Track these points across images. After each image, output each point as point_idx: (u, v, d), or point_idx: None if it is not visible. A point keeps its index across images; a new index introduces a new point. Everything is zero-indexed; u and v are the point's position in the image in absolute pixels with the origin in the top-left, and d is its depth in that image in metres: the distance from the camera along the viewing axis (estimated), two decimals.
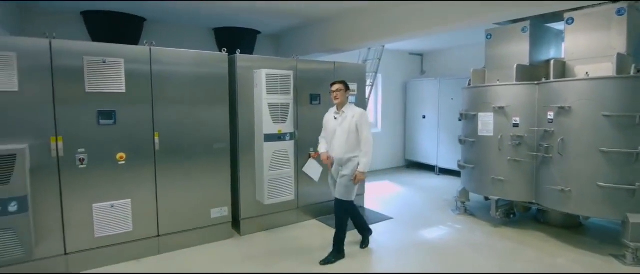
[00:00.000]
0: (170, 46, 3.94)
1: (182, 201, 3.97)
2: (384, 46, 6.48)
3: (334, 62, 4.97)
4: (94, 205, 3.52)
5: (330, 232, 4.39)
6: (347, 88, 3.74)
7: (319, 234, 4.44)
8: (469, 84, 4.97)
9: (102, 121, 3.50)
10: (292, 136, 4.35)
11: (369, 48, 6.68)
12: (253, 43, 5.94)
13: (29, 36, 3.27)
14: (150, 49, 3.71)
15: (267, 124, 4.13)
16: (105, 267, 3.58)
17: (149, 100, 3.72)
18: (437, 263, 3.72)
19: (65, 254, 3.44)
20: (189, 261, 3.76)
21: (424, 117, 7.99)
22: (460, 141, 5.04)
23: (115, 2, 4.40)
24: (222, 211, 4.22)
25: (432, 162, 7.87)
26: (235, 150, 4.31)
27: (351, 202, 3.77)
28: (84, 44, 3.44)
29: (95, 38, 4.80)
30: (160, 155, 3.82)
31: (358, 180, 3.63)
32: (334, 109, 3.84)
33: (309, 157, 4.69)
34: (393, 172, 8.13)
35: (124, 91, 3.58)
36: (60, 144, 3.34)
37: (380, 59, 6.57)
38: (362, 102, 5.28)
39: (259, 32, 5.93)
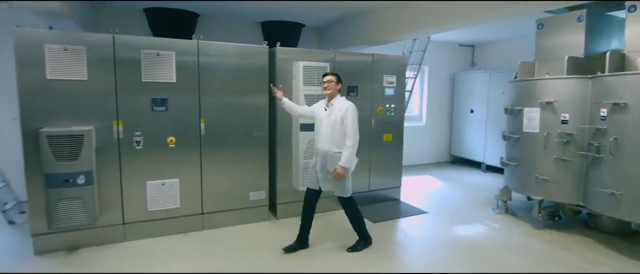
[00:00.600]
0: (221, 40, 4.26)
1: (223, 183, 4.30)
2: (429, 37, 6.33)
3: (373, 54, 5.00)
4: (147, 182, 3.96)
5: (367, 222, 4.48)
6: (339, 81, 3.67)
7: (349, 223, 4.55)
8: (515, 77, 4.72)
9: (155, 108, 3.91)
10: None
11: (414, 39, 6.56)
12: (297, 36, 6.12)
13: (100, 32, 3.74)
14: (198, 43, 4.04)
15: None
16: (155, 238, 4.02)
17: (196, 89, 4.07)
18: (465, 260, 3.66)
19: (123, 223, 3.93)
20: (229, 238, 4.08)
21: (471, 111, 7.68)
22: (504, 137, 4.83)
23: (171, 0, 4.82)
24: (260, 195, 4.50)
25: (479, 159, 7.57)
26: (274, 138, 4.55)
27: (350, 199, 3.72)
28: (141, 39, 3.85)
29: (155, 33, 5.28)
30: (205, 140, 4.17)
31: (337, 175, 3.49)
32: (326, 100, 3.74)
33: None
34: (436, 167, 7.94)
35: (175, 81, 3.96)
36: (121, 127, 3.81)
37: (425, 51, 6.43)
38: (401, 95, 5.25)
39: (303, 25, 6.09)
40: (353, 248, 3.81)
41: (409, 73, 6.74)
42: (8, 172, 4.72)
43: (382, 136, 5.14)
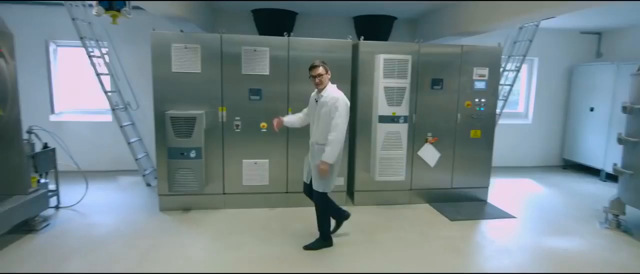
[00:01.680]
0: (316, 35, 4.66)
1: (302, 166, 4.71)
2: (537, 25, 5.69)
3: (462, 46, 4.78)
4: (243, 160, 4.62)
5: (441, 219, 4.43)
6: (327, 70, 3.49)
7: (425, 218, 4.53)
8: (639, 70, 3.99)
9: (251, 97, 4.51)
10: (406, 119, 4.51)
11: (520, 28, 5.98)
12: (389, 29, 6.17)
13: (216, 32, 4.46)
14: (288, 39, 4.49)
15: (381, 106, 4.43)
16: (247, 209, 4.67)
17: (286, 81, 4.54)
18: (545, 271, 3.34)
19: (223, 193, 4.67)
20: (308, 217, 4.48)
21: (591, 109, 6.60)
22: (619, 140, 4.14)
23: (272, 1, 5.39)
24: (339, 181, 4.78)
25: (598, 165, 6.50)
26: (354, 128, 4.77)
27: (324, 194, 3.54)
28: (242, 37, 4.47)
29: (260, 31, 5.97)
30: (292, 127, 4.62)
31: (320, 171, 3.35)
32: (316, 91, 3.60)
33: (426, 141, 4.78)
34: (542, 171, 7.08)
35: (268, 73, 4.49)
36: (224, 112, 4.51)
37: (531, 41, 5.80)
38: (493, 89, 4.90)
39: (395, 18, 6.12)
40: (310, 246, 3.64)
41: (510, 65, 6.20)
42: (147, 146, 5.98)
43: (469, 132, 4.90)
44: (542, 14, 4.35)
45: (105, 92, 5.42)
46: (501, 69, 6.16)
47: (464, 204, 4.94)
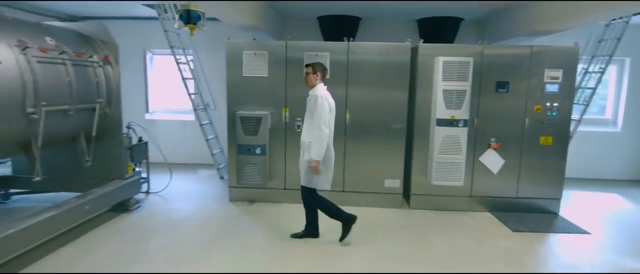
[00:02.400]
0: (380, 39, 4.79)
1: (362, 168, 4.85)
2: (627, 21, 5.08)
3: (531, 46, 4.50)
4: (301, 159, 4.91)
5: (502, 229, 4.25)
6: (315, 71, 3.64)
7: (484, 226, 4.36)
8: None
9: None
10: (466, 122, 4.39)
11: (606, 25, 5.39)
12: (455, 30, 6.02)
13: (283, 39, 4.83)
14: (348, 44, 4.69)
15: (440, 109, 4.38)
16: (297, 204, 4.93)
17: (345, 84, 4.74)
18: None
19: (284, 189, 5.01)
20: (363, 216, 4.60)
21: None
22: None
23: (337, 2, 5.63)
24: (395, 183, 4.84)
25: None
26: (411, 131, 4.78)
27: (311, 190, 3.66)
28: (305, 43, 4.78)
29: (325, 36, 6.27)
30: (350, 129, 4.81)
31: (312, 168, 3.52)
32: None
33: (488, 147, 4.61)
34: (632, 186, 6.22)
35: (328, 77, 4.71)
36: (287, 113, 4.86)
37: (619, 39, 5.20)
38: (568, 92, 4.52)
39: (461, 19, 5.95)
40: (297, 234, 3.88)
41: (593, 66, 5.62)
42: (222, 143, 6.63)
43: (538, 139, 4.58)
44: (632, 8, 3.94)
45: (189, 94, 6.16)
46: (582, 71, 5.62)
47: (530, 215, 4.62)
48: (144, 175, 5.30)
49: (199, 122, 6.21)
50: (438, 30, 5.92)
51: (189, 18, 2.98)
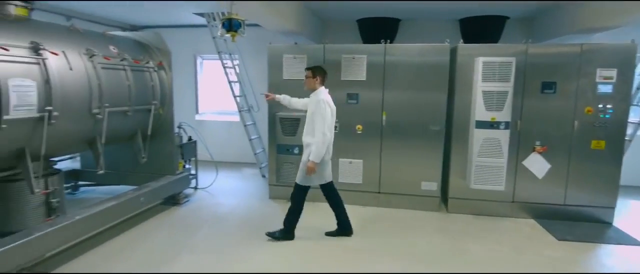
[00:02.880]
0: (419, 40, 4.79)
1: (398, 169, 4.85)
2: None
3: (581, 44, 4.24)
4: (340, 159, 5.02)
5: (546, 237, 4.07)
6: (315, 75, 3.78)
7: (526, 233, 4.18)
8: None
9: (349, 101, 4.89)
10: (508, 125, 4.24)
11: None
12: (500, 29, 5.80)
13: (323, 42, 4.99)
14: (385, 46, 4.72)
15: (479, 111, 4.27)
16: None
17: (381, 86, 4.77)
18: None
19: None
20: (398, 217, 4.63)
21: None
22: None
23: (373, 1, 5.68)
24: (431, 186, 4.78)
25: None
26: (450, 133, 4.69)
27: (305, 189, 3.82)
28: (342, 46, 4.88)
29: (364, 39, 6.33)
30: (386, 130, 4.83)
31: (308, 169, 3.63)
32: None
33: (533, 150, 4.41)
34: None
35: (365, 79, 4.80)
36: None
37: None
38: (623, 94, 4.18)
39: (507, 18, 5.72)
40: (274, 235, 3.87)
41: None
42: (264, 143, 6.92)
43: (588, 142, 4.29)
44: None
45: (234, 96, 6.52)
46: None
47: (579, 224, 4.34)
48: (192, 172, 5.70)
49: (243, 123, 6.54)
50: (481, 29, 5.74)
51: (231, 26, 3.23)
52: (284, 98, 4.28)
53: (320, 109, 3.61)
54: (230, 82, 6.48)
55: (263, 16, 4.55)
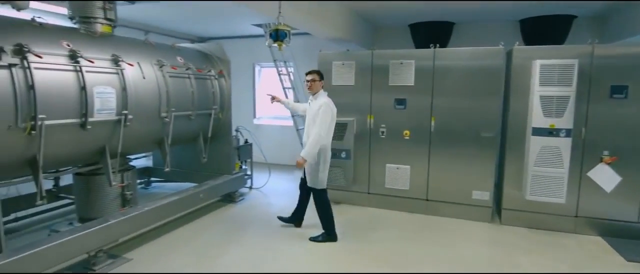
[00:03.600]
0: (474, 44, 4.65)
1: (448, 177, 4.72)
2: None
3: None
4: (386, 165, 5.02)
5: (613, 257, 3.72)
6: (321, 78, 4.00)
7: (589, 252, 3.81)
8: None
9: (397, 106, 4.88)
10: (569, 132, 3.92)
11: None
12: (565, 30, 5.34)
13: (371, 49, 5.07)
14: (433, 51, 4.65)
15: (536, 117, 4.01)
16: (388, 210, 5.02)
17: (430, 91, 4.70)
18: None
19: (368, 193, 5.18)
20: (445, 227, 4.50)
21: None
22: None
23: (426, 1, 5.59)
24: (483, 195, 4.57)
25: None
26: (504, 140, 4.46)
27: (320, 191, 3.94)
28: (390, 52, 4.90)
29: (416, 44, 6.24)
30: (434, 136, 4.73)
31: (297, 163, 3.80)
32: (311, 95, 4.07)
33: (601, 161, 4.03)
34: None
35: (413, 84, 4.76)
36: (372, 120, 5.04)
37: None
38: None
39: (574, 17, 5.27)
40: (315, 238, 4.01)
41: None
42: None
43: None
44: None
45: None
46: None
47: None
48: (248, 172, 6.08)
49: (295, 127, 6.81)
50: (544, 30, 5.34)
51: (277, 36, 3.47)
52: (288, 102, 4.60)
53: (322, 112, 3.79)
54: (284, 88, 6.79)
55: (312, 25, 4.75)
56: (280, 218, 4.52)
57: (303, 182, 4.25)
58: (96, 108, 3.55)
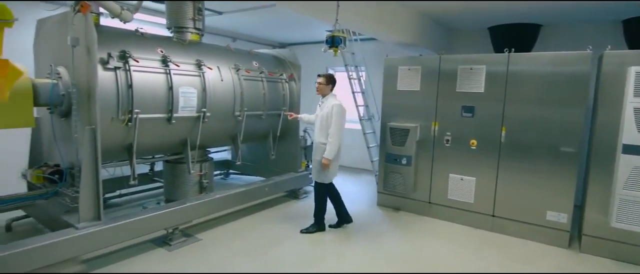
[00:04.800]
0: (567, 47, 4.25)
1: (518, 193, 4.33)
2: None
3: None
4: (450, 174, 4.80)
5: None
6: (329, 82, 4.28)
7: None
8: None
9: (464, 114, 4.64)
10: None
11: None
12: None
13: (441, 53, 4.91)
14: (508, 55, 4.31)
15: (629, 133, 3.47)
16: (450, 223, 4.79)
17: (502, 98, 4.37)
18: None
19: (429, 202, 5.02)
20: (513, 248, 4.14)
21: None
22: None
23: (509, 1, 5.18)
24: (560, 217, 4.09)
25: None
26: (588, 157, 3.93)
27: (326, 185, 4.27)
28: (459, 56, 4.69)
29: (496, 47, 5.82)
30: (505, 147, 4.39)
31: (322, 165, 4.10)
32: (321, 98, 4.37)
33: None
34: None
35: (482, 91, 4.49)
36: (436, 127, 4.87)
37: None
38: None
39: None
40: (307, 230, 4.34)
41: None
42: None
43: None
44: None
45: (357, 106, 6.92)
46: None
47: None
48: None
49: (363, 131, 6.87)
50: None
51: (333, 42, 3.62)
52: (304, 116, 4.84)
53: (335, 113, 4.09)
54: (353, 92, 6.91)
55: (378, 30, 4.79)
56: (331, 226, 4.56)
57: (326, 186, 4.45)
58: (180, 105, 4.13)
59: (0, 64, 1.53)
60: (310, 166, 6.25)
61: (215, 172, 6.56)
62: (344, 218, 4.54)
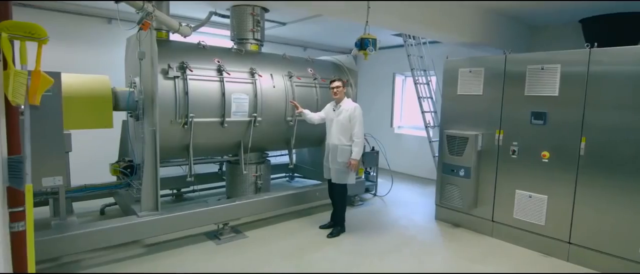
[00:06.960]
0: None
1: (602, 217, 3.57)
2: None
3: None
4: (516, 190, 4.20)
5: None
6: (344, 85, 4.33)
7: None
8: None
9: (533, 121, 4.02)
10: None
11: None
12: None
13: (506, 52, 4.37)
14: (589, 51, 3.61)
15: None
16: (516, 246, 4.18)
17: (581, 103, 3.67)
18: None
19: (492, 221, 4.45)
20: None
21: None
22: None
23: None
24: None
25: None
26: None
27: (345, 186, 4.39)
28: (528, 55, 4.09)
29: (592, 44, 4.90)
30: (584, 161, 3.67)
31: (352, 166, 4.20)
32: (333, 102, 4.43)
33: None
34: None
35: (557, 95, 3.83)
36: (501, 135, 4.32)
37: None
38: None
39: None
40: (332, 234, 4.38)
41: None
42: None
43: None
44: None
45: (422, 112, 6.53)
46: None
47: None
48: (372, 180, 6.18)
49: (428, 139, 6.45)
50: None
51: (362, 45, 3.48)
52: (307, 112, 4.66)
53: (359, 114, 4.24)
54: (419, 98, 6.54)
55: (435, 31, 4.47)
56: (322, 227, 4.64)
57: (330, 184, 4.58)
58: (232, 110, 4.45)
59: (35, 75, 1.88)
60: (372, 174, 6.13)
61: (280, 175, 6.87)
62: (337, 222, 4.59)
